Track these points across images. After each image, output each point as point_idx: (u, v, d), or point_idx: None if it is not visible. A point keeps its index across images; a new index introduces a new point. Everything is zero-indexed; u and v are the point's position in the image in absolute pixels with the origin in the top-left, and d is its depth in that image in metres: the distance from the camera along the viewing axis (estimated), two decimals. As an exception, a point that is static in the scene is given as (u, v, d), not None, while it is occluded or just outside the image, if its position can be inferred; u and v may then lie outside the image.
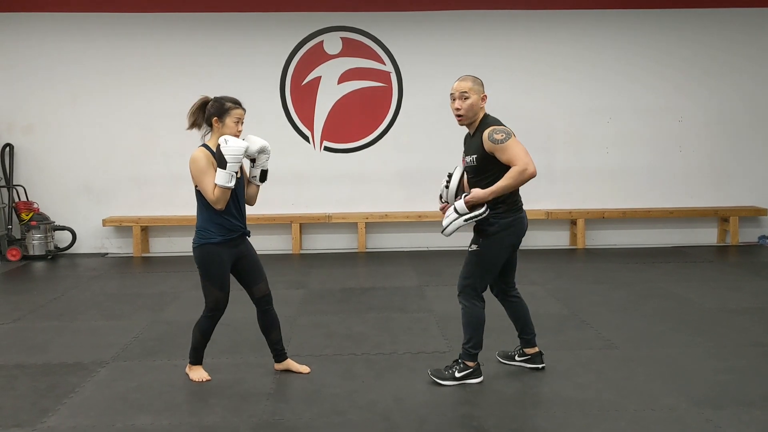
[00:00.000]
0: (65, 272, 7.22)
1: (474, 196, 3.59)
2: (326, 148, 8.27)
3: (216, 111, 3.69)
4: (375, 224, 8.26)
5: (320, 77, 8.18)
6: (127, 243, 8.18)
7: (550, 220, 8.22)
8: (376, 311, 5.38)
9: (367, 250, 8.23)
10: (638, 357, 4.20)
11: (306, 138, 8.25)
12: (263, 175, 3.88)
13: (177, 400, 3.63)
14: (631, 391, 3.66)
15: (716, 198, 8.42)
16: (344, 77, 8.18)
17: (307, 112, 8.23)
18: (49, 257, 7.89)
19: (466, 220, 3.61)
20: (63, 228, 8.02)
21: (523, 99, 8.20)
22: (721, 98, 8.33)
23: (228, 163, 3.54)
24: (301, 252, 8.14)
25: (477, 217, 3.59)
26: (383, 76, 8.21)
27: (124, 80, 8.07)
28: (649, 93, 8.29)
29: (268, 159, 3.85)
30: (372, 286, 6.29)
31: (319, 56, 8.16)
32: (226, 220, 3.70)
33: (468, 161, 3.76)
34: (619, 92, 8.28)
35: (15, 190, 8.04)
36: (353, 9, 8.11)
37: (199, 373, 3.91)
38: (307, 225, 8.24)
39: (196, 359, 3.93)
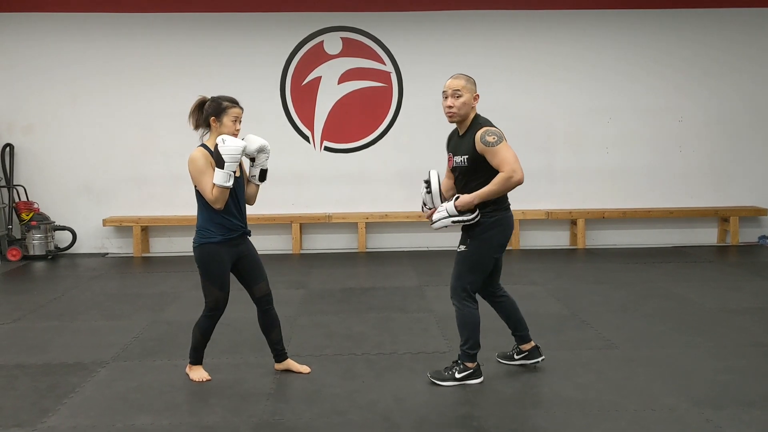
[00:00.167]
0: (65, 272, 7.22)
1: (462, 201, 3.62)
2: (326, 148, 8.27)
3: (213, 110, 3.69)
4: (375, 224, 8.26)
5: (320, 77, 8.18)
6: (128, 243, 8.18)
7: (550, 220, 8.22)
8: (377, 311, 5.38)
9: (367, 250, 8.23)
10: (638, 357, 4.20)
11: (306, 138, 8.25)
12: (262, 175, 3.87)
13: (177, 400, 3.63)
14: (632, 391, 3.66)
15: (716, 198, 8.42)
16: (344, 77, 8.18)
17: (307, 112, 8.23)
18: (50, 257, 7.89)
19: (453, 222, 3.66)
20: (63, 228, 8.02)
21: (523, 99, 8.21)
22: (721, 98, 8.33)
23: (226, 163, 3.54)
24: (301, 252, 8.14)
25: (465, 221, 3.64)
26: (383, 76, 8.22)
27: (124, 80, 8.07)
28: (649, 93, 8.29)
29: (268, 158, 3.84)
30: (372, 286, 6.29)
31: (319, 56, 8.16)
32: (227, 220, 3.70)
33: (458, 161, 3.74)
34: (619, 92, 8.28)
35: (15, 190, 8.04)
36: (353, 9, 8.11)
37: (199, 373, 3.91)
38: (307, 225, 8.24)
39: (197, 359, 3.93)
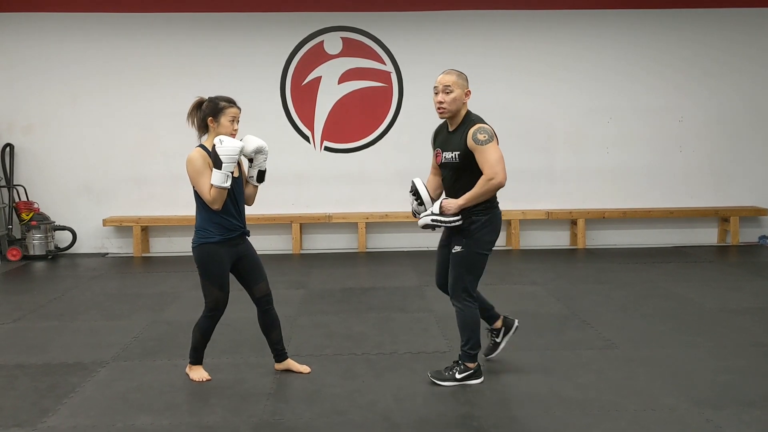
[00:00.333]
0: (65, 272, 7.22)
1: (446, 205, 3.65)
2: (326, 148, 8.27)
3: (210, 111, 3.68)
4: (375, 224, 8.26)
5: (320, 77, 8.18)
6: (128, 243, 8.18)
7: (551, 220, 8.22)
8: (377, 311, 5.38)
9: (367, 250, 8.23)
10: (639, 357, 4.20)
11: (306, 138, 8.25)
12: (260, 176, 3.85)
13: (177, 400, 3.63)
14: (632, 391, 3.66)
15: (716, 198, 8.41)
16: (344, 77, 8.18)
17: (307, 112, 8.22)
18: (50, 257, 7.89)
19: (432, 221, 3.68)
20: (63, 228, 8.02)
21: (523, 99, 8.20)
22: (722, 98, 8.33)
23: (223, 164, 3.53)
24: (302, 252, 8.14)
25: (447, 222, 3.65)
26: (383, 76, 8.21)
27: (125, 80, 8.06)
28: (649, 93, 8.29)
29: (266, 159, 3.82)
30: (372, 286, 6.29)
31: (319, 56, 8.16)
32: (225, 220, 3.70)
33: (448, 157, 3.73)
34: (619, 92, 8.28)
35: (15, 190, 8.04)
36: (353, 9, 8.11)
37: (199, 373, 3.91)
38: (307, 225, 8.24)
39: (197, 359, 3.93)
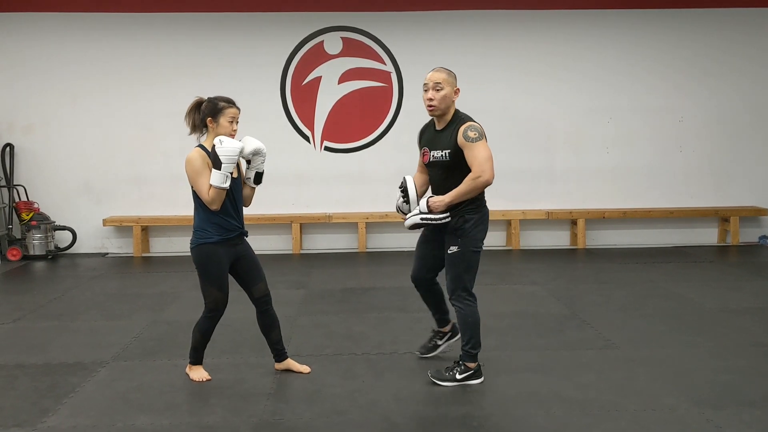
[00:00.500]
0: (65, 272, 7.22)
1: (433, 202, 3.69)
2: (326, 148, 8.27)
3: (210, 111, 3.68)
4: (375, 224, 8.25)
5: (320, 77, 8.18)
6: (128, 243, 8.18)
7: (551, 220, 8.22)
8: (377, 311, 5.37)
9: (368, 250, 8.23)
10: (639, 357, 4.20)
11: (306, 138, 8.25)
12: (258, 178, 3.84)
13: (177, 400, 3.63)
14: (632, 391, 3.66)
15: (716, 198, 8.41)
16: (344, 77, 8.18)
17: (307, 112, 8.22)
18: (50, 257, 7.89)
19: (422, 219, 3.73)
20: (63, 228, 8.01)
21: (523, 99, 8.20)
22: (722, 98, 8.33)
23: (223, 164, 3.52)
24: (302, 252, 8.13)
25: (435, 220, 3.69)
26: (384, 76, 8.21)
27: (125, 80, 8.06)
28: (649, 93, 8.29)
29: (264, 161, 3.81)
30: (372, 286, 6.29)
31: (319, 56, 8.15)
32: (224, 220, 3.69)
33: (437, 156, 3.76)
34: (619, 92, 8.28)
35: (15, 190, 8.03)
36: (353, 9, 8.11)
37: (199, 373, 3.91)
38: (307, 225, 8.24)
39: (197, 359, 3.92)
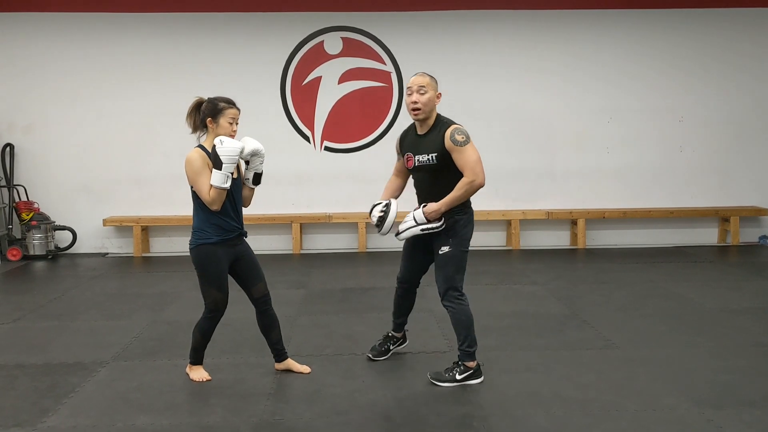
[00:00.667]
0: (65, 272, 7.22)
1: (430, 210, 3.71)
2: (327, 148, 8.27)
3: (210, 112, 3.67)
4: (375, 224, 8.24)
5: (321, 77, 8.18)
6: (128, 243, 8.18)
7: (551, 220, 8.22)
8: (377, 311, 5.37)
9: (368, 250, 8.22)
10: (639, 357, 4.19)
11: (306, 138, 8.25)
12: (257, 178, 3.84)
13: (177, 400, 3.63)
14: (632, 391, 3.66)
15: (717, 198, 8.41)
16: (345, 77, 8.18)
17: (307, 112, 8.22)
18: (50, 257, 7.88)
19: (423, 230, 3.76)
20: (63, 228, 8.01)
21: (523, 99, 8.20)
22: (722, 98, 8.32)
23: (223, 164, 3.52)
24: (302, 252, 8.13)
25: (433, 229, 3.74)
26: (384, 76, 8.21)
27: (124, 80, 8.06)
28: (649, 93, 8.28)
29: (262, 162, 3.80)
30: (372, 286, 6.29)
31: (319, 56, 8.15)
32: (223, 221, 3.69)
33: (423, 160, 3.78)
34: (619, 92, 8.27)
35: (15, 190, 8.03)
36: (354, 9, 8.11)
37: (199, 373, 3.91)
38: (307, 225, 8.24)
39: (197, 359, 3.92)
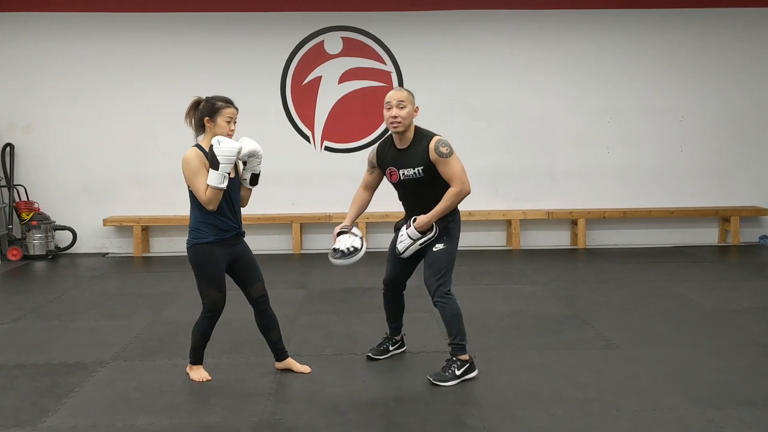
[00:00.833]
0: (66, 272, 7.22)
1: (420, 223, 3.80)
2: (327, 148, 8.27)
3: (207, 111, 3.66)
4: (375, 224, 8.24)
5: (321, 77, 8.17)
6: (128, 243, 8.18)
7: (551, 219, 8.21)
8: (377, 311, 5.34)
9: (368, 250, 8.19)
10: (639, 357, 4.19)
11: (306, 138, 8.25)
12: (254, 179, 3.83)
13: (177, 400, 3.63)
14: (632, 391, 3.66)
15: (717, 198, 8.40)
16: (345, 77, 8.17)
17: (307, 112, 8.22)
18: (50, 257, 7.88)
19: (421, 244, 3.87)
20: (63, 228, 8.01)
21: (524, 99, 8.19)
22: (722, 98, 8.32)
23: (220, 164, 3.51)
24: (302, 252, 8.13)
25: (429, 240, 3.83)
26: (384, 76, 8.21)
27: (124, 80, 8.06)
28: (650, 93, 8.28)
29: (260, 163, 3.79)
30: (372, 286, 6.27)
31: (319, 56, 8.15)
32: (220, 221, 3.68)
33: (409, 174, 3.84)
34: (619, 92, 8.27)
35: (15, 190, 8.03)
36: (354, 9, 8.11)
37: (199, 373, 3.90)
38: (307, 225, 8.23)
39: (196, 359, 3.92)
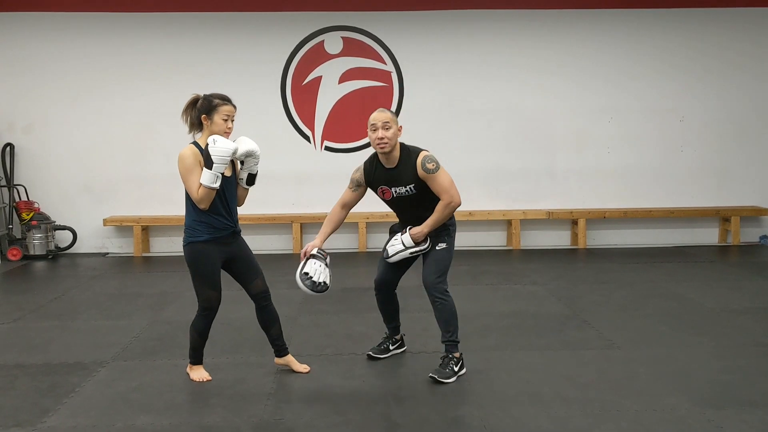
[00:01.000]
0: (66, 272, 7.22)
1: (416, 233, 3.84)
2: (327, 148, 8.27)
3: (205, 108, 3.65)
4: (375, 224, 8.24)
5: (321, 77, 8.17)
6: (128, 243, 8.18)
7: (551, 219, 8.21)
8: (377, 311, 5.31)
9: (368, 250, 8.22)
10: (640, 357, 4.19)
11: (307, 138, 8.25)
12: (251, 179, 3.82)
13: (177, 400, 3.63)
14: (633, 391, 3.66)
15: (717, 198, 8.40)
16: (345, 77, 8.17)
17: (307, 112, 8.22)
18: (50, 257, 7.88)
19: (412, 253, 3.93)
20: (64, 228, 8.01)
21: (524, 98, 8.19)
22: (723, 98, 8.32)
23: (214, 164, 3.50)
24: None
25: (421, 250, 3.90)
26: (384, 76, 8.21)
27: (125, 80, 8.06)
28: (650, 92, 8.28)
29: (257, 163, 3.79)
30: (372, 286, 6.25)
31: (319, 56, 8.15)
32: (215, 219, 3.67)
33: (401, 192, 3.90)
34: (620, 92, 8.27)
35: (16, 190, 8.03)
36: (354, 8, 8.10)
37: (199, 373, 3.90)
38: (307, 225, 8.23)
39: (196, 359, 3.92)
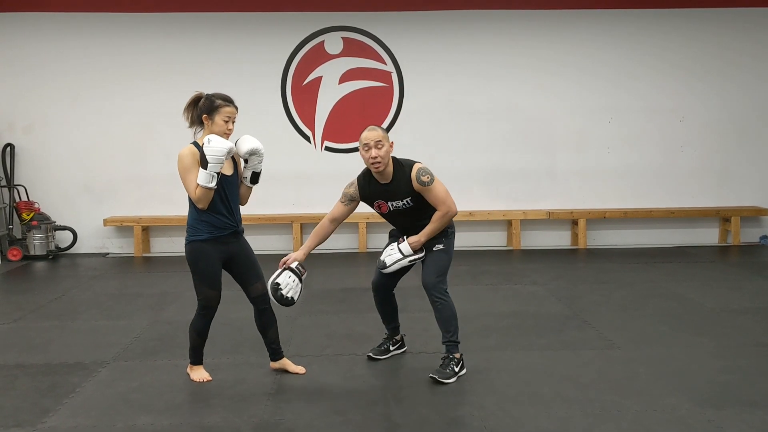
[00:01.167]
0: (66, 272, 7.22)
1: (414, 242, 3.90)
2: (327, 148, 8.27)
3: (206, 108, 3.65)
4: (375, 224, 8.23)
5: (321, 77, 8.17)
6: (128, 243, 8.18)
7: (552, 220, 8.21)
8: (377, 312, 5.35)
9: (368, 250, 8.22)
10: (640, 357, 4.19)
11: (307, 138, 8.25)
12: (254, 177, 3.82)
13: (178, 400, 3.63)
14: (633, 391, 3.66)
15: (718, 198, 8.40)
16: (345, 77, 8.17)
17: (308, 112, 8.22)
18: (50, 257, 7.88)
19: (410, 261, 3.95)
20: (64, 228, 8.01)
21: (524, 99, 8.19)
22: (723, 98, 8.32)
23: (209, 164, 3.50)
24: (302, 252, 8.11)
25: (417, 259, 3.94)
26: (384, 76, 8.21)
27: (125, 80, 8.06)
28: (650, 93, 8.28)
29: (261, 161, 3.78)
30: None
31: (320, 56, 8.15)
32: (216, 218, 3.67)
33: (399, 205, 3.91)
34: (620, 92, 8.27)
35: (16, 190, 8.03)
36: (354, 9, 8.10)
37: (199, 373, 3.90)
38: (308, 225, 8.22)
39: (196, 359, 3.92)
